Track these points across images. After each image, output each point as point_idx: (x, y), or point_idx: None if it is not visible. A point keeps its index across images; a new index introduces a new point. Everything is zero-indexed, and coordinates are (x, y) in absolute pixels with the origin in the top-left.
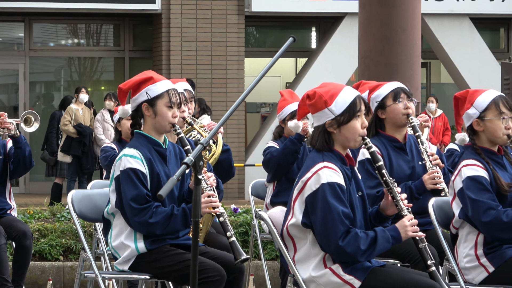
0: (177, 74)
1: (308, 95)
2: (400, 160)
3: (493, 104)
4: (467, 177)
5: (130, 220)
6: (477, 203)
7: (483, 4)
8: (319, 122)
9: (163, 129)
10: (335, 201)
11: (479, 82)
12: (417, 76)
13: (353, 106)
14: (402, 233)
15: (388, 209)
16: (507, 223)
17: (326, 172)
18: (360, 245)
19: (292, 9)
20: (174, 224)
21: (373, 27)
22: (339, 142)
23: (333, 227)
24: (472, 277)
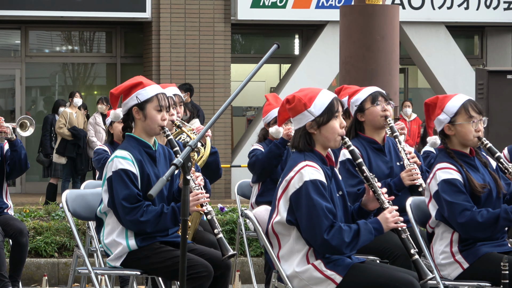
0: (166, 79)
1: (288, 99)
2: (379, 161)
3: (462, 108)
4: (442, 180)
5: (122, 218)
6: (452, 205)
7: (458, 12)
8: (299, 125)
9: (153, 132)
10: (318, 197)
11: (454, 87)
12: (395, 81)
13: (331, 107)
14: (384, 225)
15: (369, 204)
16: (481, 223)
17: (308, 170)
18: (344, 237)
19: (276, 17)
20: (164, 222)
21: (354, 34)
22: (320, 143)
23: (317, 221)
24: (447, 272)
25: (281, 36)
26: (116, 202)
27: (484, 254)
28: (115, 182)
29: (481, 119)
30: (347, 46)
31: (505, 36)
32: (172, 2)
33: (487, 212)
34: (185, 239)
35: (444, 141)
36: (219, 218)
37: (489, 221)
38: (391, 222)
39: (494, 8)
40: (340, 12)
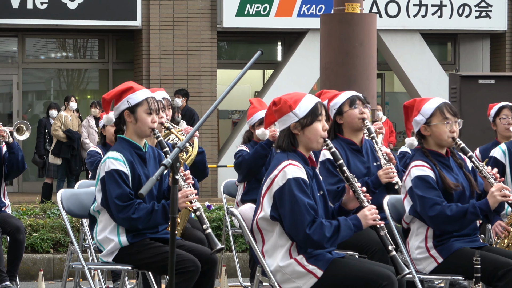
0: (156, 84)
1: (274, 101)
2: (356, 161)
3: (437, 110)
4: (415, 177)
5: (115, 216)
6: (424, 199)
7: (432, 20)
8: (284, 125)
9: (143, 134)
10: (300, 194)
11: (428, 91)
12: (373, 86)
13: (315, 110)
14: (363, 222)
15: (349, 203)
16: (450, 216)
17: (291, 169)
18: (325, 232)
19: (260, 25)
20: (155, 218)
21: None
22: (303, 144)
23: (300, 217)
24: (423, 267)
25: (265, 43)
26: (109, 200)
27: (457, 249)
28: (108, 181)
29: (455, 121)
30: (327, 52)
31: (476, 43)
32: (161, 11)
33: (456, 207)
34: (174, 235)
35: (420, 141)
36: (206, 215)
37: (458, 215)
38: (370, 219)
39: (466, 17)
40: (321, 20)
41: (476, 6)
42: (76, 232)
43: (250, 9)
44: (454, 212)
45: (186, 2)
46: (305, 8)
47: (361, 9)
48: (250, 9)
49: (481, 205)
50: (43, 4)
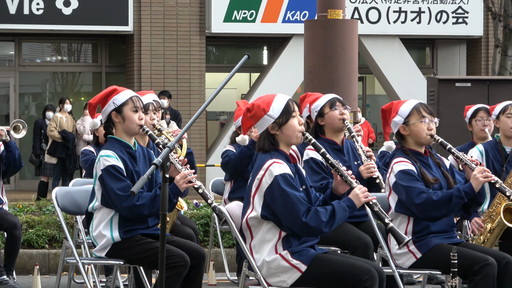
0: (147, 86)
1: (248, 108)
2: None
3: (414, 110)
4: (399, 171)
5: (119, 207)
6: (410, 189)
7: (411, 26)
8: (262, 128)
9: (132, 131)
10: (289, 188)
11: (407, 94)
12: (355, 89)
13: (288, 107)
14: (356, 201)
15: (339, 187)
16: (437, 201)
17: (276, 166)
18: (322, 218)
19: (247, 31)
20: (158, 203)
21: (317, 46)
22: (283, 142)
23: (294, 208)
24: (402, 262)
25: (251, 48)
26: (111, 194)
27: (435, 245)
28: (106, 178)
29: (432, 120)
30: (310, 57)
31: (453, 48)
32: (152, 17)
33: (441, 192)
34: (164, 231)
35: (400, 142)
36: (195, 213)
37: (444, 200)
38: (362, 198)
39: (443, 23)
40: (305, 26)
41: (453, 12)
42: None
43: (237, 15)
44: (440, 197)
45: (176, 8)
46: (289, 14)
47: (343, 15)
48: (237, 15)
49: (465, 188)
50: (39, 10)
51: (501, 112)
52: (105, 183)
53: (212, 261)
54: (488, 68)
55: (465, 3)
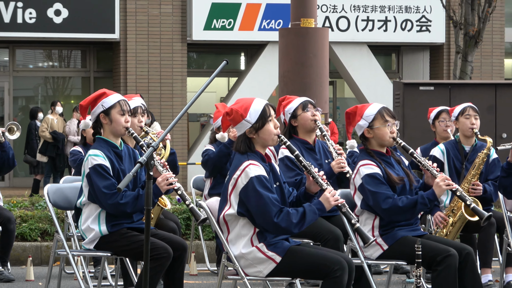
0: (132, 90)
1: (227, 112)
2: (310, 159)
3: (378, 114)
4: (365, 175)
5: (104, 204)
6: (376, 194)
7: (378, 34)
8: (240, 131)
9: (119, 133)
10: (263, 190)
11: (375, 97)
12: (326, 92)
13: (264, 113)
14: (326, 204)
15: (311, 187)
16: (402, 207)
17: (252, 168)
18: (292, 219)
19: (225, 38)
20: (141, 202)
21: (290, 53)
22: (259, 144)
23: (267, 209)
24: (370, 253)
25: (229, 54)
26: (97, 192)
27: (401, 237)
28: (93, 176)
29: (394, 123)
30: (285, 62)
31: (418, 54)
32: (137, 25)
33: (406, 199)
34: (149, 225)
35: (364, 143)
36: (177, 208)
37: (408, 206)
38: (332, 201)
39: (408, 31)
40: (279, 33)
41: (417, 21)
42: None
43: (217, 23)
44: (405, 204)
45: (159, 17)
46: (265, 23)
47: (315, 24)
48: (217, 23)
49: (428, 195)
50: (32, 19)
51: (460, 114)
52: (92, 180)
53: (193, 252)
54: (449, 73)
55: (428, 12)
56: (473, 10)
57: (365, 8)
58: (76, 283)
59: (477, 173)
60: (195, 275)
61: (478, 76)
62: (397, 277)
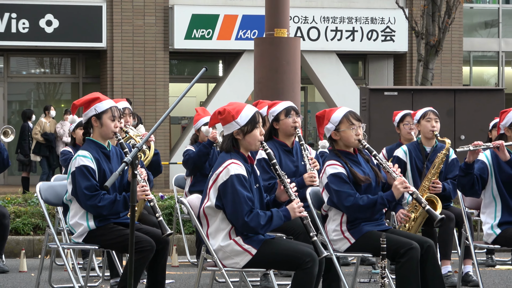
0: (118, 95)
1: (219, 111)
2: (287, 160)
3: (344, 118)
4: (330, 174)
5: (83, 203)
6: (339, 192)
7: (346, 43)
8: (228, 131)
9: (107, 136)
10: (241, 188)
11: (343, 102)
12: (298, 97)
13: (254, 118)
14: (291, 213)
15: (281, 196)
16: (362, 206)
17: (234, 167)
18: (261, 221)
19: (204, 47)
20: (117, 207)
21: (265, 60)
22: (244, 146)
23: (240, 207)
24: (338, 246)
25: (208, 61)
26: (78, 191)
27: (366, 231)
28: (78, 175)
29: (359, 125)
30: (260, 69)
31: (382, 62)
32: (123, 35)
33: (367, 198)
34: (134, 220)
35: (332, 144)
36: (160, 204)
37: (369, 205)
38: (297, 212)
39: (374, 40)
40: (255, 42)
41: (382, 31)
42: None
43: (197, 33)
44: (365, 203)
45: (143, 27)
46: (241, 33)
47: (287, 34)
48: (197, 33)
49: (387, 196)
50: (25, 29)
51: (422, 117)
52: (76, 180)
53: (174, 245)
54: (412, 79)
55: (392, 23)
56: (434, 21)
57: (334, 19)
58: (66, 274)
59: (437, 172)
60: (177, 267)
61: (438, 82)
62: (364, 268)
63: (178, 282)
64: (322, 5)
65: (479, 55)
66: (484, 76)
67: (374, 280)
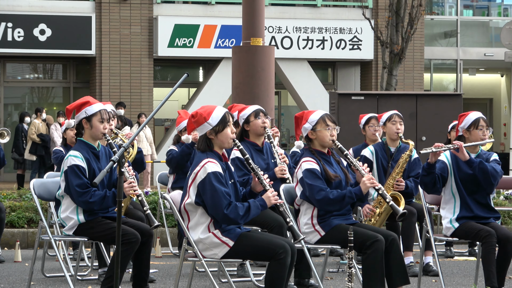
0: (106, 98)
1: (192, 115)
2: (259, 158)
3: (321, 119)
4: (305, 169)
5: (75, 199)
6: (312, 186)
7: (316, 51)
8: (202, 132)
9: (97, 137)
10: (218, 184)
11: (313, 105)
12: (272, 101)
13: (224, 118)
14: (267, 201)
15: (256, 187)
16: (332, 199)
17: (210, 165)
18: (239, 212)
19: (186, 54)
20: (107, 202)
21: (242, 67)
22: (217, 145)
23: (219, 201)
24: (309, 238)
25: (190, 68)
26: (70, 188)
27: (335, 225)
28: (70, 174)
29: (334, 127)
30: (237, 75)
31: (350, 69)
32: (110, 43)
33: (337, 192)
34: (120, 214)
35: (308, 143)
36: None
37: (338, 198)
38: (272, 200)
39: (342, 49)
40: (232, 50)
41: (350, 41)
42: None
43: (179, 41)
44: (335, 196)
45: (130, 36)
46: (220, 41)
47: (263, 43)
48: (179, 41)
49: (355, 190)
50: (20, 37)
51: (387, 120)
52: (68, 178)
53: (158, 238)
54: (377, 85)
55: (359, 33)
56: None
57: (305, 29)
58: (57, 264)
59: (401, 171)
60: (160, 257)
61: (401, 87)
62: (333, 259)
63: (161, 271)
64: (294, 16)
65: (439, 63)
66: (444, 82)
67: (342, 270)
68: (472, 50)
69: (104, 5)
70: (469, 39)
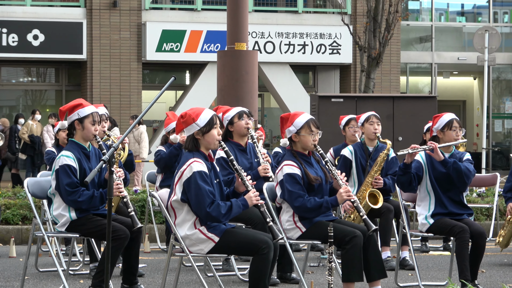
0: (97, 101)
1: (182, 115)
2: (243, 158)
3: (306, 124)
4: (286, 174)
5: (64, 198)
6: (291, 192)
7: (297, 56)
8: (189, 133)
9: (88, 138)
10: (202, 183)
11: (295, 107)
12: (255, 103)
13: (211, 120)
14: (249, 201)
15: (239, 187)
16: (309, 208)
17: (196, 164)
18: (221, 210)
19: (173, 58)
20: (94, 202)
21: (227, 70)
22: (204, 145)
23: (202, 199)
24: (291, 235)
25: (177, 71)
26: (61, 187)
27: (316, 221)
28: (60, 173)
29: (317, 132)
30: (222, 78)
31: (330, 72)
32: (101, 48)
33: (314, 201)
34: (110, 211)
35: (291, 145)
36: (134, 197)
37: (315, 207)
38: (254, 200)
39: (322, 53)
40: (217, 55)
41: (330, 45)
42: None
43: (166, 46)
44: (312, 205)
45: (119, 41)
46: (206, 46)
47: (246, 47)
48: (166, 46)
49: (331, 201)
50: (14, 42)
51: (365, 121)
52: (59, 177)
53: (147, 234)
54: (356, 87)
55: (338, 38)
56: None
57: (287, 35)
58: (50, 259)
59: (379, 169)
60: (148, 252)
61: (379, 90)
62: (313, 253)
63: (150, 266)
64: (277, 22)
65: (415, 67)
66: (419, 85)
67: (323, 264)
68: (446, 54)
69: (94, 11)
70: (443, 44)
